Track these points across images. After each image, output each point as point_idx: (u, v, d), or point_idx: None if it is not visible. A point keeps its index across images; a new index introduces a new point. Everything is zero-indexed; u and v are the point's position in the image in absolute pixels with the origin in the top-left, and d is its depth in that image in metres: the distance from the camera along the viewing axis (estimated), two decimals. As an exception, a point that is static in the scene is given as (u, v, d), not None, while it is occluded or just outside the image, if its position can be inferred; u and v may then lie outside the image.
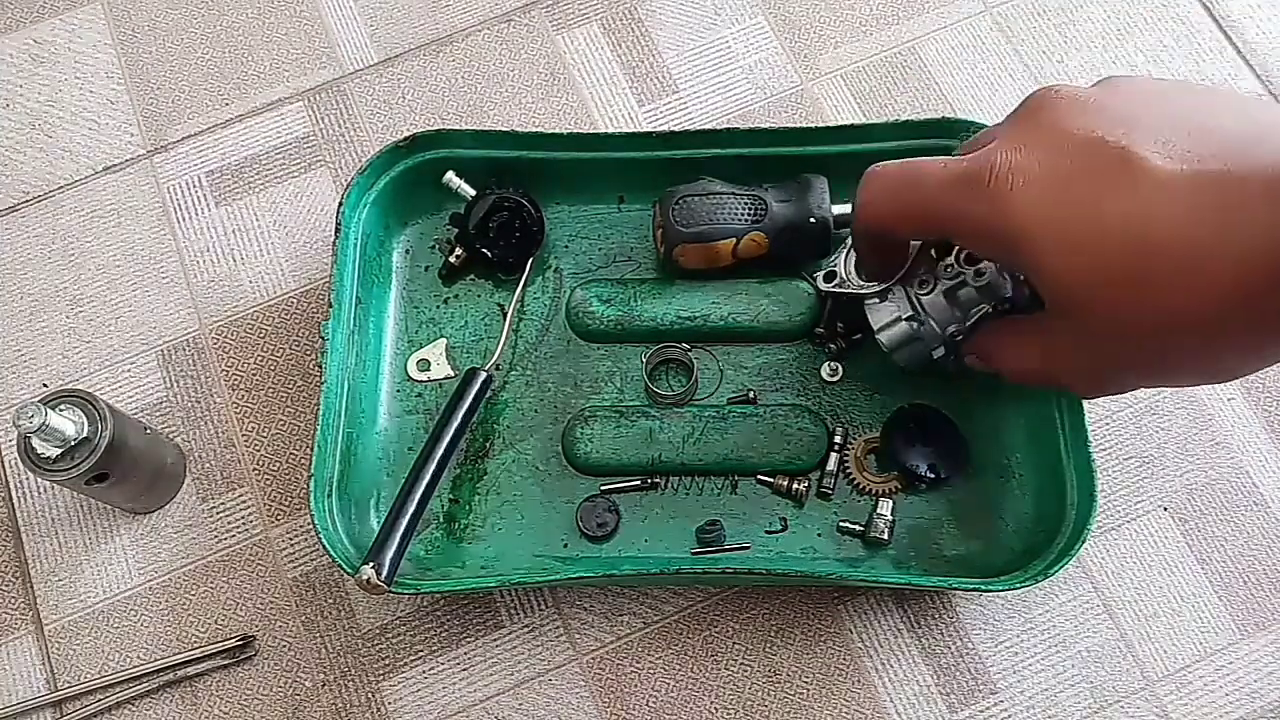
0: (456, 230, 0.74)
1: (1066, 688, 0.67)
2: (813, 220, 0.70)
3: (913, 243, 0.60)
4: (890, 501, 0.68)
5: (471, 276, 0.76)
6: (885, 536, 0.66)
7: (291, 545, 0.71)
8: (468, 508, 0.70)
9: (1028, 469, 0.68)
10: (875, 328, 0.62)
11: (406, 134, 0.72)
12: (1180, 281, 0.41)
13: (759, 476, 0.70)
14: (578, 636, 0.69)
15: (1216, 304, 0.41)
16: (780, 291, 0.72)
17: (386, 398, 0.73)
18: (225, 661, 0.69)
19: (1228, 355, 0.44)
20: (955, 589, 0.65)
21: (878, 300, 0.62)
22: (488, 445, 0.71)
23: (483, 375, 0.70)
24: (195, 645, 0.69)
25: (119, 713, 0.68)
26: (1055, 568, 0.61)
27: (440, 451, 0.67)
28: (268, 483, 0.73)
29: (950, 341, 0.60)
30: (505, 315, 0.74)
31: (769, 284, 0.73)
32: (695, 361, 0.71)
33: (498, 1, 0.85)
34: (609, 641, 0.69)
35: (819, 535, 0.68)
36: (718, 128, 0.76)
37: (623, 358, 0.73)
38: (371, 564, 0.61)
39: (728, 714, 0.67)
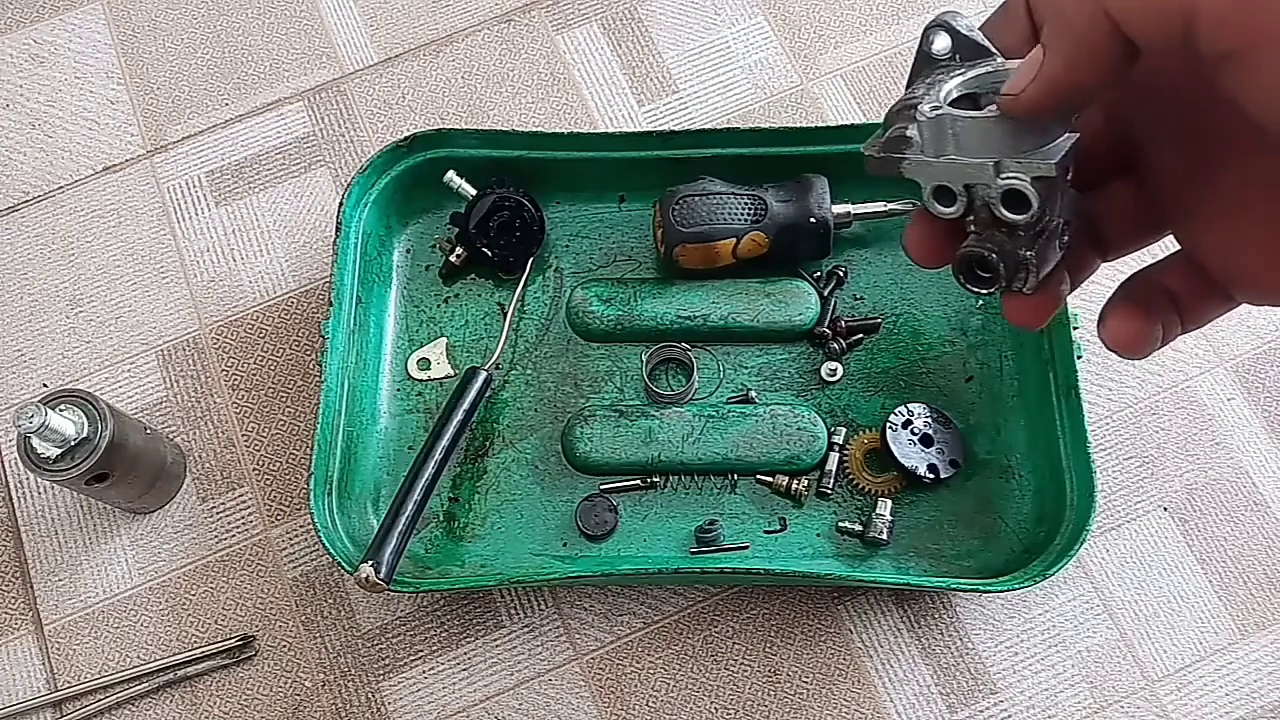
0: (457, 229, 0.74)
1: (1066, 688, 0.67)
2: (813, 220, 0.70)
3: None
4: (890, 501, 0.68)
5: (472, 276, 0.76)
6: (884, 536, 0.66)
7: (291, 545, 0.71)
8: (467, 506, 0.70)
9: (1028, 469, 0.68)
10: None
11: (406, 134, 0.72)
12: None
13: (758, 476, 0.70)
14: (578, 636, 0.69)
15: None
16: (780, 291, 0.72)
17: (387, 396, 0.73)
18: (225, 661, 0.69)
19: None
20: (955, 589, 0.64)
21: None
22: (488, 444, 0.71)
23: (483, 374, 0.70)
24: (195, 645, 0.69)
25: (119, 713, 0.68)
26: (1055, 568, 0.61)
27: (440, 450, 0.67)
28: (268, 483, 0.73)
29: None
30: (505, 315, 0.74)
31: (769, 284, 0.73)
32: (695, 361, 0.71)
33: (498, 1, 0.85)
34: (609, 641, 0.69)
35: (818, 535, 0.68)
36: (718, 128, 0.77)
37: (623, 357, 0.73)
38: (371, 562, 0.61)
39: (728, 714, 0.67)
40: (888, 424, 0.68)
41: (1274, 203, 0.33)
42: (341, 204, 0.70)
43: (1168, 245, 0.37)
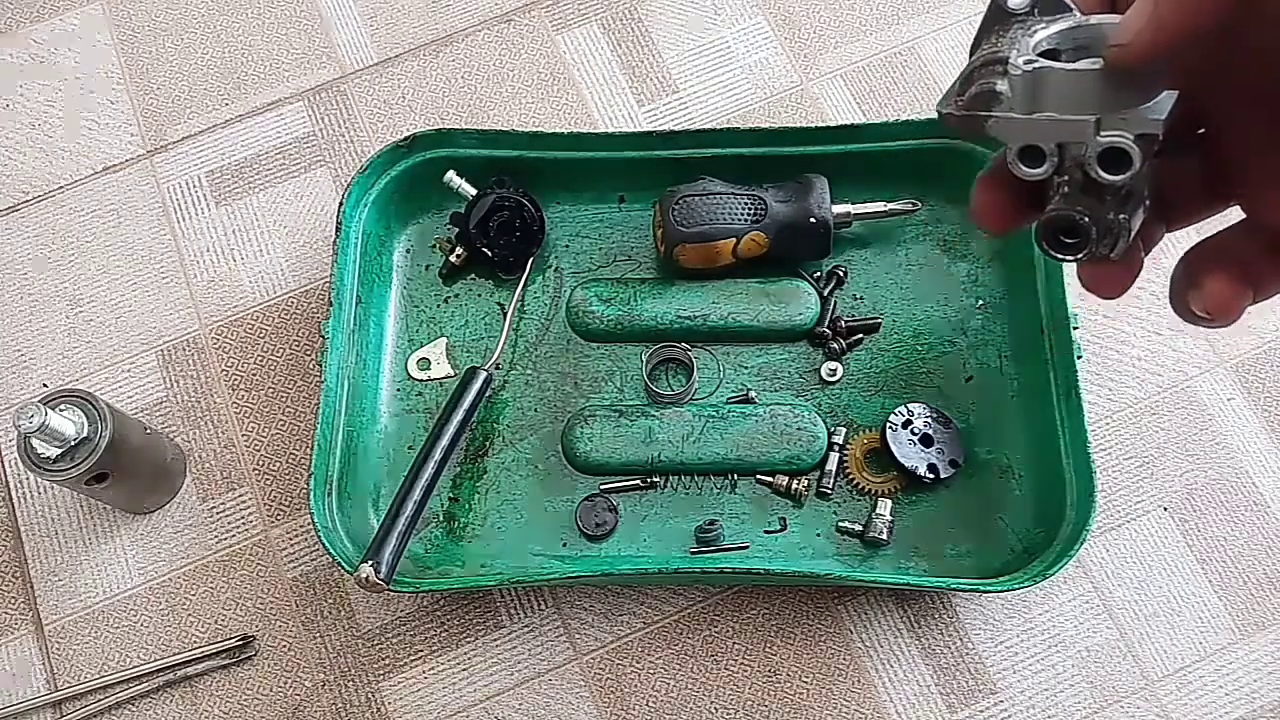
0: (457, 229, 0.74)
1: (1066, 688, 0.67)
2: (813, 220, 0.70)
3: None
4: (889, 501, 0.68)
5: (472, 276, 0.76)
6: (884, 536, 0.66)
7: (291, 545, 0.71)
8: (467, 506, 0.70)
9: (1028, 469, 0.68)
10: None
11: (406, 134, 0.72)
12: None
13: (758, 476, 0.70)
14: (578, 636, 0.69)
15: None
16: (780, 291, 0.72)
17: (387, 396, 0.73)
18: (225, 661, 0.69)
19: None
20: (955, 589, 0.64)
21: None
22: (488, 444, 0.71)
23: (483, 374, 0.70)
24: (195, 645, 0.69)
25: (119, 713, 0.68)
26: (1055, 568, 0.61)
27: (440, 450, 0.67)
28: (268, 483, 0.73)
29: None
30: (505, 314, 0.74)
31: (769, 284, 0.73)
32: (695, 361, 0.71)
33: (498, 1, 0.85)
34: (609, 641, 0.69)
35: (818, 535, 0.68)
36: (718, 128, 0.77)
37: (623, 357, 0.73)
38: (371, 562, 0.61)
39: (728, 714, 0.67)
40: (888, 424, 0.68)
41: None
42: (341, 204, 0.70)
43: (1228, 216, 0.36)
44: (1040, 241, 0.35)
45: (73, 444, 0.62)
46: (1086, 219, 0.34)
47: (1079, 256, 0.35)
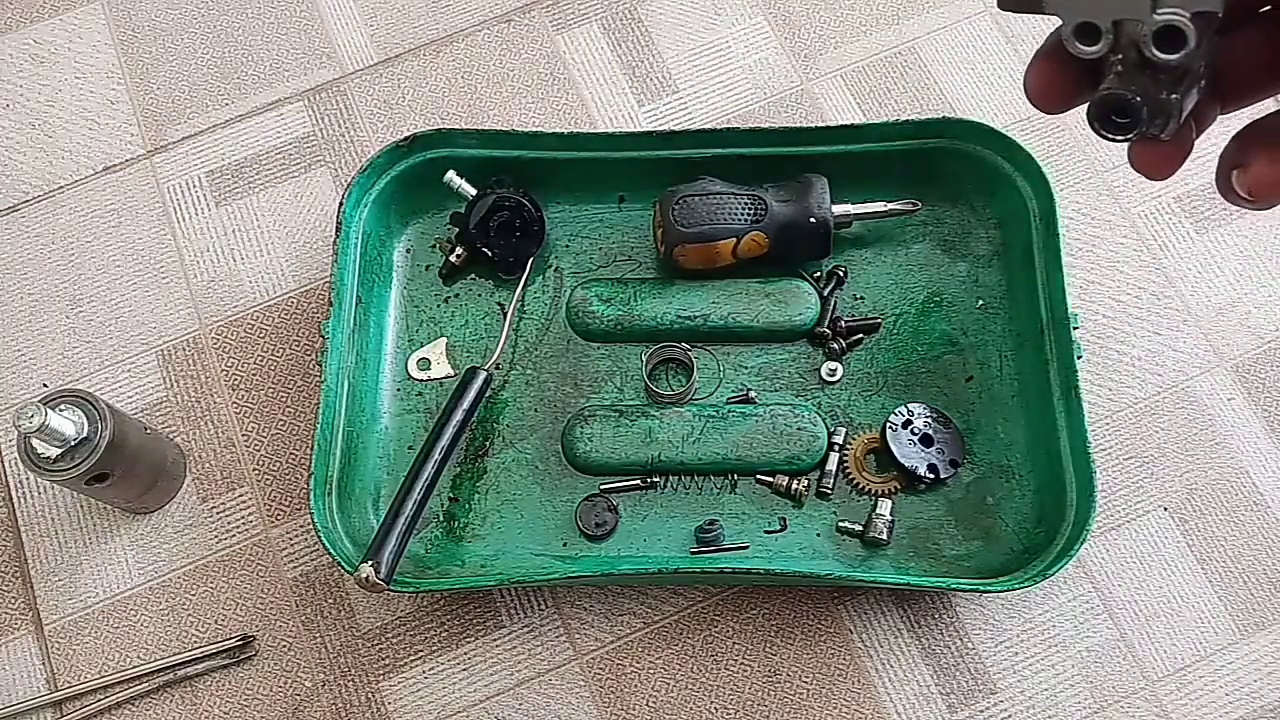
0: (457, 229, 0.74)
1: (1066, 688, 0.67)
2: (813, 220, 0.70)
3: None
4: (890, 501, 0.68)
5: (472, 276, 0.76)
6: (884, 536, 0.66)
7: (291, 545, 0.71)
8: (467, 506, 0.70)
9: (1028, 469, 0.68)
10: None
11: (406, 134, 0.72)
12: None
13: (758, 476, 0.70)
14: (578, 636, 0.69)
15: None
16: (780, 291, 0.72)
17: (387, 396, 0.73)
18: (225, 661, 0.69)
19: None
20: (955, 589, 0.65)
21: None
22: (487, 444, 0.71)
23: (483, 374, 0.70)
24: (195, 645, 0.69)
25: (119, 713, 0.68)
26: (1055, 568, 0.61)
27: (440, 450, 0.67)
28: (268, 483, 0.73)
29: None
30: (505, 314, 0.74)
31: (769, 284, 0.73)
32: (695, 361, 0.71)
33: (498, 1, 0.85)
34: (609, 641, 0.69)
35: (818, 535, 0.68)
36: (718, 128, 0.77)
37: (623, 357, 0.73)
38: (370, 562, 0.61)
39: (728, 714, 0.67)
40: (888, 424, 0.68)
41: None
42: (341, 204, 0.70)
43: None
44: (1091, 122, 0.35)
45: (73, 444, 0.62)
46: (1138, 99, 0.34)
47: (1129, 136, 0.35)
